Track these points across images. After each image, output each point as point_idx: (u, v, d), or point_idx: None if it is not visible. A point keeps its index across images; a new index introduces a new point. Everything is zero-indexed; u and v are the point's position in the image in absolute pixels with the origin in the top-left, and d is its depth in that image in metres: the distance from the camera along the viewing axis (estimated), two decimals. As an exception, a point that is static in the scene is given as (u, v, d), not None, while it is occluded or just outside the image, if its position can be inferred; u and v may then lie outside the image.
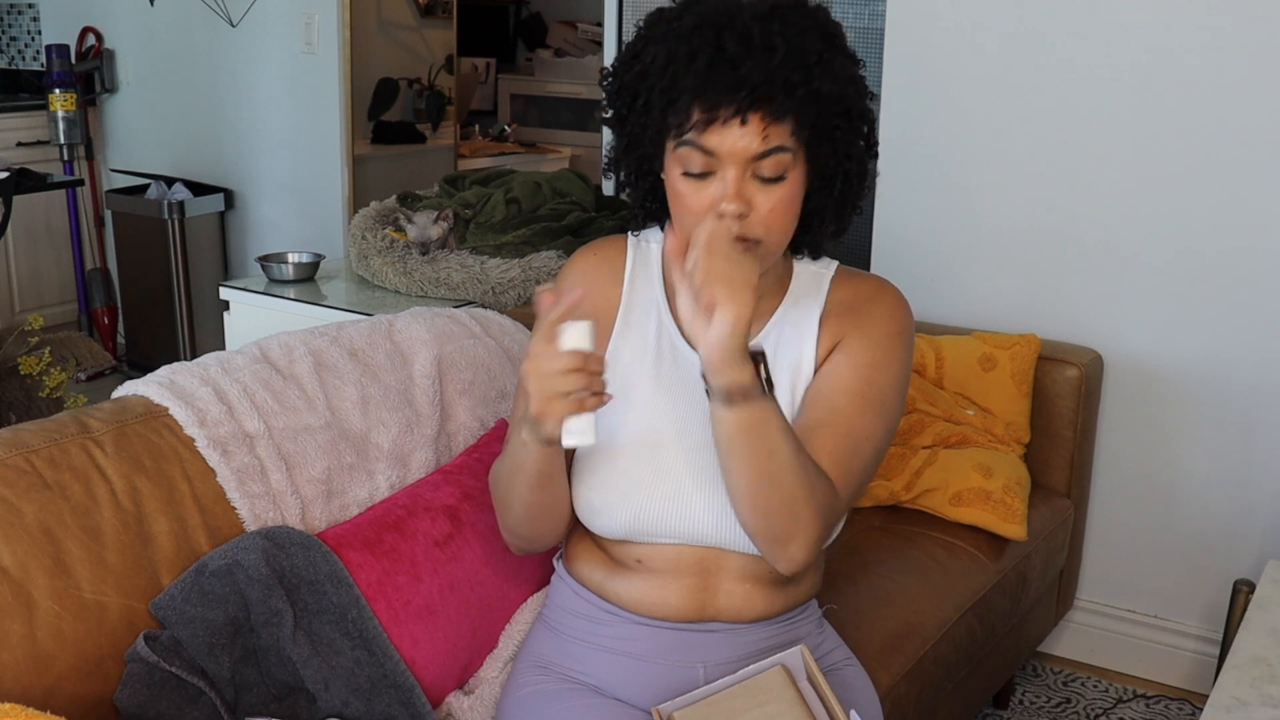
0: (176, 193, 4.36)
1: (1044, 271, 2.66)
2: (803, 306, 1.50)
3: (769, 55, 1.29)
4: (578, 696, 1.50)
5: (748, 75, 1.29)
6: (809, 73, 1.31)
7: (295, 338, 1.77)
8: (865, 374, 1.45)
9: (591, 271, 1.53)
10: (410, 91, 5.06)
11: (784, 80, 1.30)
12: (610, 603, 1.52)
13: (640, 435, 1.45)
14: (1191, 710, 2.60)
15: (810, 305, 1.50)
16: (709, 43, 1.31)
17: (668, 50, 1.34)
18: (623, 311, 1.51)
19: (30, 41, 5.08)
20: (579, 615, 1.55)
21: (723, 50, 1.30)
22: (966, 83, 2.67)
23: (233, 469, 1.56)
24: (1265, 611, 1.66)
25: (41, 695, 1.32)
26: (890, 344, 1.47)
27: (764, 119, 1.31)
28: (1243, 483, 2.55)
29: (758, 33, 1.30)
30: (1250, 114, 2.41)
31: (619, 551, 1.51)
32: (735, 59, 1.30)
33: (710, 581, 1.49)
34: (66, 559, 1.39)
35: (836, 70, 1.34)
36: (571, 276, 1.54)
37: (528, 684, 1.54)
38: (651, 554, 1.48)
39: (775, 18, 1.32)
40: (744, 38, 1.30)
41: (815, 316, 1.50)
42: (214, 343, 3.95)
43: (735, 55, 1.30)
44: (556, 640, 1.57)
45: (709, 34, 1.32)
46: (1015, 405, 2.46)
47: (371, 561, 1.57)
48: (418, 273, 2.88)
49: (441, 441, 1.80)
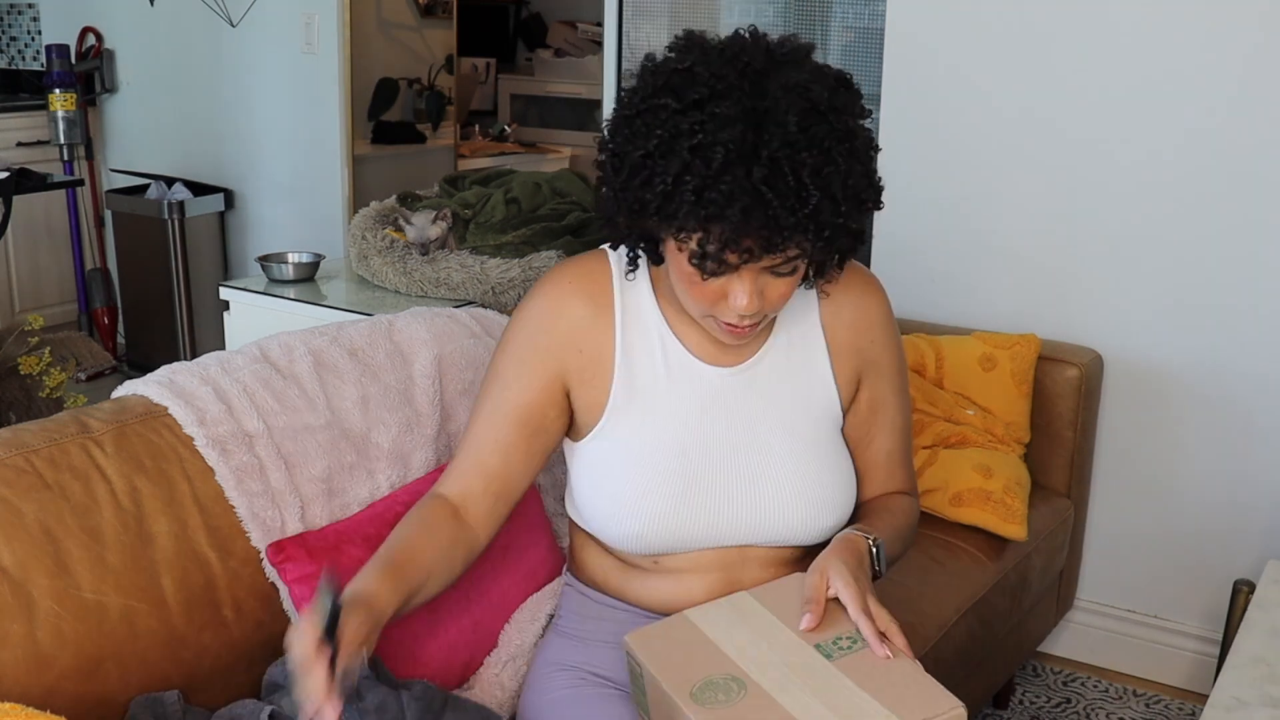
0: (176, 193, 4.36)
1: (1044, 271, 2.66)
2: (793, 309, 1.51)
3: (801, 202, 1.23)
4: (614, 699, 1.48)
5: (779, 220, 1.23)
6: (839, 215, 1.27)
7: (295, 338, 1.77)
8: (899, 382, 1.59)
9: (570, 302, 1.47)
10: (410, 91, 5.06)
11: (815, 224, 1.26)
12: (630, 603, 1.53)
13: (664, 454, 1.45)
14: (1191, 710, 2.60)
15: (801, 305, 1.52)
16: (737, 174, 1.22)
17: (682, 160, 1.24)
18: (620, 336, 1.47)
19: (30, 41, 5.08)
20: (598, 619, 1.55)
21: (754, 190, 1.22)
22: (966, 83, 2.67)
23: (231, 468, 1.56)
24: (1265, 611, 1.66)
25: (41, 695, 1.32)
26: (890, 323, 1.58)
27: (784, 257, 1.30)
28: (1243, 483, 2.55)
29: (789, 168, 1.22)
30: (1250, 114, 2.41)
31: (632, 556, 1.51)
32: (767, 202, 1.22)
33: (734, 574, 1.49)
34: (66, 559, 1.39)
35: (862, 189, 1.30)
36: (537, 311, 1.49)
37: (558, 685, 1.52)
38: (669, 555, 1.49)
39: (805, 140, 1.23)
40: (774, 175, 1.22)
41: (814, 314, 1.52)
42: (214, 343, 3.95)
43: (767, 198, 1.22)
44: (577, 646, 1.56)
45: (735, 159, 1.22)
46: (1015, 405, 2.46)
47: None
48: (418, 273, 2.88)
49: (442, 441, 1.80)
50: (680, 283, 1.36)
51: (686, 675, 1.29)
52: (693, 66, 1.27)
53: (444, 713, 1.46)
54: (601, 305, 1.48)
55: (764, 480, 1.46)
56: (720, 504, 1.45)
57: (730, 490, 1.45)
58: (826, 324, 1.52)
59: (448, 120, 5.22)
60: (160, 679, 1.45)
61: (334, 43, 4.01)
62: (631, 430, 1.45)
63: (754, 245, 1.26)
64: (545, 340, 1.47)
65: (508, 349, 1.50)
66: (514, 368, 1.49)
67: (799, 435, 1.48)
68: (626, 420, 1.46)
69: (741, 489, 1.45)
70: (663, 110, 1.26)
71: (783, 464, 1.46)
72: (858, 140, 1.29)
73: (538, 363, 1.47)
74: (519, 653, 1.67)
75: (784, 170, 1.22)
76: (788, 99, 1.24)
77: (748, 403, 1.47)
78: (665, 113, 1.26)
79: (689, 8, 3.45)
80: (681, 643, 1.34)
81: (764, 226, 1.23)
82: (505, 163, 5.12)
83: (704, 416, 1.46)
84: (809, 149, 1.23)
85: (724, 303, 1.34)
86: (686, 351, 1.47)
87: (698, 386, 1.47)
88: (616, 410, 1.46)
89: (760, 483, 1.45)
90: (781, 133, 1.22)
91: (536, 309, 1.49)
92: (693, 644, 1.33)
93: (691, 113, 1.24)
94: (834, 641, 1.31)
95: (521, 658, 1.67)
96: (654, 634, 1.37)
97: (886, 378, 1.56)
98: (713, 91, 1.25)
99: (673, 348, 1.47)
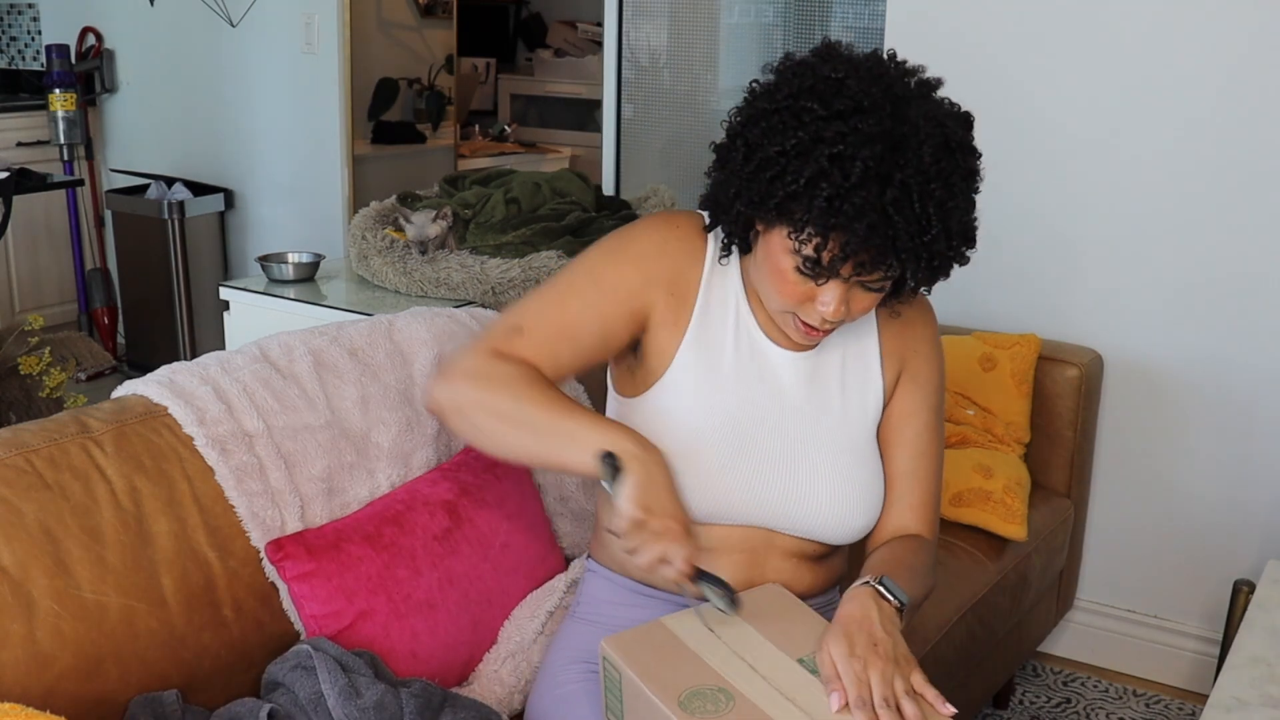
0: (176, 193, 4.36)
1: (1044, 271, 2.66)
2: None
3: (922, 230, 1.28)
4: None
5: (898, 243, 1.28)
6: (950, 248, 1.31)
7: (295, 337, 1.77)
8: (934, 401, 1.57)
9: (674, 245, 1.49)
10: (410, 91, 5.07)
11: (929, 253, 1.30)
12: (653, 587, 1.53)
13: (719, 419, 1.46)
14: (1191, 710, 2.60)
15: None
16: (871, 192, 1.26)
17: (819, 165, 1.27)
18: (703, 294, 1.49)
19: (30, 41, 5.08)
20: (619, 604, 1.56)
21: (883, 209, 1.26)
22: (966, 83, 2.66)
23: (230, 467, 1.56)
24: (1265, 611, 1.66)
25: (41, 695, 1.32)
26: (936, 344, 1.59)
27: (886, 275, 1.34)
28: (1243, 483, 2.55)
29: (917, 195, 1.27)
30: (1250, 114, 2.41)
31: None
32: (893, 223, 1.27)
33: (758, 558, 1.50)
34: (66, 559, 1.39)
35: (971, 228, 1.35)
36: (649, 241, 1.49)
37: (571, 680, 1.52)
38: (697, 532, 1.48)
39: (936, 172, 1.28)
40: (903, 199, 1.27)
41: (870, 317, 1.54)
42: (214, 343, 3.95)
43: (894, 219, 1.27)
44: (598, 632, 1.55)
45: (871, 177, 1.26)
46: (1015, 405, 2.46)
47: (371, 555, 1.58)
48: (418, 273, 2.88)
49: (442, 441, 1.80)
50: (771, 277, 1.38)
51: (672, 683, 1.27)
52: (845, 79, 1.30)
53: (443, 710, 1.46)
54: (696, 258, 1.49)
55: (805, 468, 1.48)
56: (760, 481, 1.46)
57: (771, 470, 1.47)
58: (881, 325, 1.55)
59: (448, 120, 5.22)
60: (160, 679, 1.45)
61: (334, 43, 4.01)
62: (692, 387, 1.47)
63: (867, 260, 1.30)
64: (651, 267, 1.47)
65: (611, 254, 1.49)
66: (613, 275, 1.47)
67: (845, 432, 1.51)
68: (689, 376, 1.47)
69: (782, 471, 1.47)
70: (807, 113, 1.29)
71: (825, 456, 1.48)
72: (975, 182, 1.34)
73: (634, 282, 1.46)
74: (519, 649, 1.68)
75: (913, 197, 1.27)
76: (927, 129, 1.29)
77: (804, 390, 1.50)
78: (809, 116, 1.29)
79: (689, 7, 3.45)
80: (663, 650, 1.32)
81: (883, 245, 1.28)
82: (505, 163, 5.13)
83: (761, 393, 1.48)
84: (939, 181, 1.28)
85: (810, 304, 1.37)
86: (758, 327, 1.49)
87: (761, 363, 1.49)
88: (683, 365, 1.47)
89: (801, 470, 1.47)
90: (917, 161, 1.27)
91: (647, 231, 1.50)
92: (675, 652, 1.32)
93: (835, 122, 1.28)
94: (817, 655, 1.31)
95: (521, 654, 1.67)
96: (632, 640, 1.34)
97: (922, 392, 1.56)
98: (858, 106, 1.28)
99: (745, 319, 1.49)
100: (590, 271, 1.48)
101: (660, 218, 1.53)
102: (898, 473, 1.55)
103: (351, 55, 4.07)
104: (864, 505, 1.51)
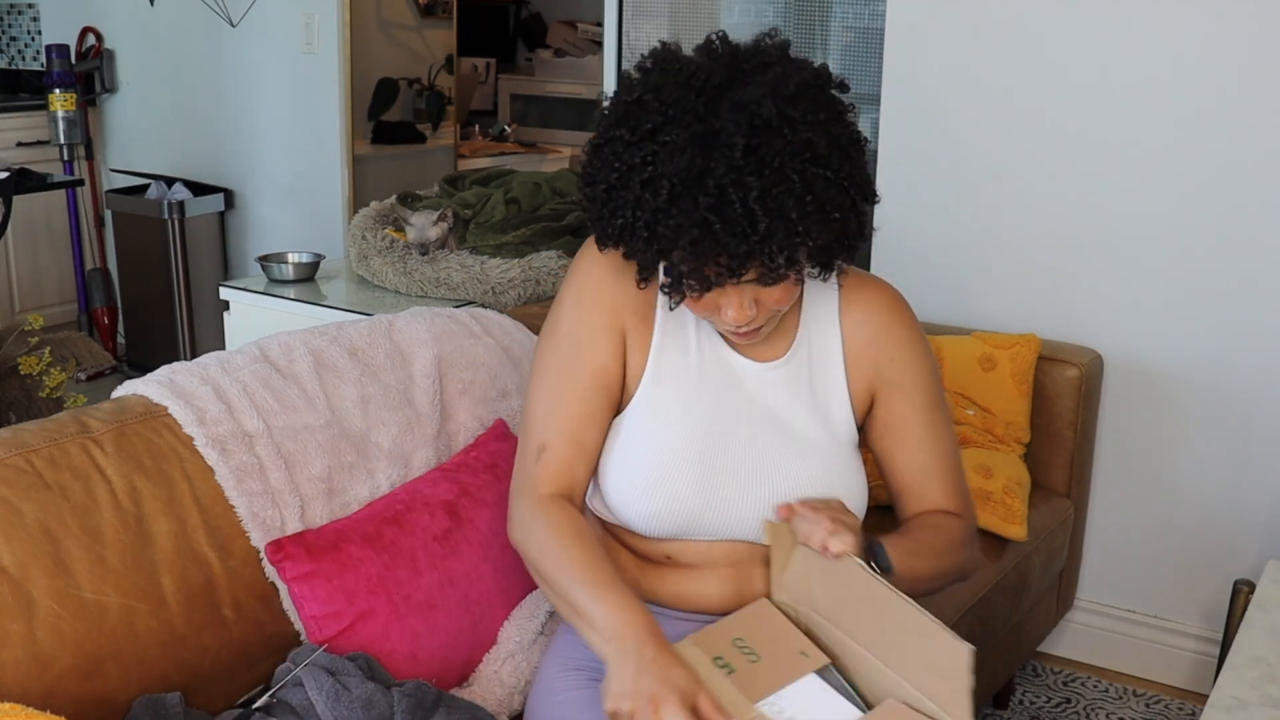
0: (176, 193, 4.36)
1: (1044, 271, 2.66)
2: (819, 316, 1.52)
3: (751, 228, 1.22)
4: None
5: (729, 247, 1.23)
6: (794, 234, 1.24)
7: (295, 337, 1.77)
8: (929, 399, 1.52)
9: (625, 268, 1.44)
10: (410, 91, 5.06)
11: (767, 249, 1.24)
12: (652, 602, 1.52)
13: (690, 435, 1.45)
14: (1191, 710, 2.60)
15: (826, 312, 1.52)
16: (684, 206, 1.22)
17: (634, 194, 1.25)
18: (660, 310, 1.48)
19: (30, 41, 5.08)
20: None
21: (702, 220, 1.22)
22: (966, 83, 2.68)
23: (230, 467, 1.56)
24: (1265, 611, 1.66)
25: (41, 695, 1.32)
26: (917, 345, 1.54)
27: (758, 273, 1.29)
28: (1243, 483, 2.55)
29: (735, 193, 1.21)
30: (1250, 114, 2.41)
31: (645, 548, 1.51)
32: (715, 232, 1.22)
33: (743, 571, 1.49)
34: (66, 559, 1.39)
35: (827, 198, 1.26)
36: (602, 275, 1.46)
37: (566, 688, 1.52)
38: (682, 549, 1.49)
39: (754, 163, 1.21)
40: (722, 203, 1.21)
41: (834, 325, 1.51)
42: (214, 343, 3.95)
43: (715, 228, 1.21)
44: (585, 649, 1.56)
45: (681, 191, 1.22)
46: (1015, 405, 2.46)
47: (372, 555, 1.58)
48: (418, 273, 2.88)
49: (442, 441, 1.80)
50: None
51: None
52: (642, 96, 1.27)
53: (436, 710, 1.46)
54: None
55: (781, 477, 1.46)
56: (736, 495, 1.45)
57: (749, 483, 1.45)
58: (847, 335, 1.52)
59: (448, 120, 5.22)
60: (160, 679, 1.45)
61: (334, 43, 4.01)
62: (661, 407, 1.46)
63: (713, 272, 1.27)
64: (611, 297, 1.46)
65: (574, 310, 1.47)
66: (586, 329, 1.46)
67: (817, 439, 1.49)
68: (658, 395, 1.46)
69: (759, 483, 1.45)
70: (618, 143, 1.28)
71: (801, 462, 1.47)
72: (817, 149, 1.24)
73: (609, 321, 1.46)
74: (518, 650, 1.68)
75: (730, 197, 1.21)
76: (735, 119, 1.23)
77: (773, 398, 1.48)
78: (620, 145, 1.27)
79: (689, 8, 3.45)
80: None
81: (718, 255, 1.24)
82: (505, 163, 5.13)
83: (731, 405, 1.47)
84: (756, 172, 1.21)
85: (719, 314, 1.36)
86: (720, 340, 1.48)
87: (728, 375, 1.48)
88: (650, 385, 1.47)
89: (778, 480, 1.46)
90: (728, 157, 1.21)
91: (596, 268, 1.46)
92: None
93: (644, 145, 1.25)
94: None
95: (521, 655, 1.67)
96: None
97: (910, 399, 1.52)
98: (665, 119, 1.25)
99: (706, 332, 1.48)
100: (568, 341, 1.47)
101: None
102: (909, 476, 1.53)
103: (351, 55, 4.07)
104: None
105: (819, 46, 3.21)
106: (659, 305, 1.48)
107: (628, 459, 1.46)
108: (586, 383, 1.46)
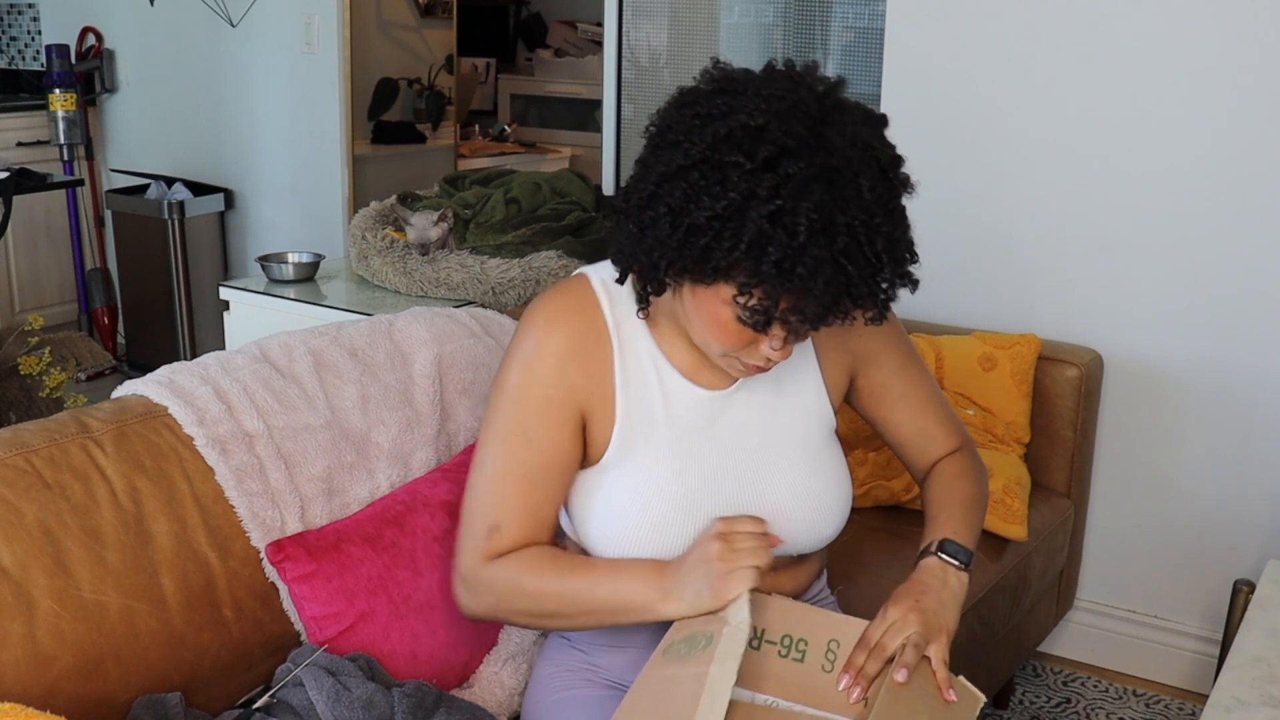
0: (176, 193, 4.36)
1: (1044, 271, 2.66)
2: None
3: (875, 271, 1.21)
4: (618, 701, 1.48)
5: (854, 290, 1.21)
6: (901, 274, 1.25)
7: (295, 337, 1.77)
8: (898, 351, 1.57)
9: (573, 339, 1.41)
10: (410, 91, 5.06)
11: (883, 290, 1.24)
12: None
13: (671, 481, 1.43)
14: (1191, 710, 2.60)
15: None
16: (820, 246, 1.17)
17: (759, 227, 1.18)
18: (619, 372, 1.43)
19: (30, 41, 5.08)
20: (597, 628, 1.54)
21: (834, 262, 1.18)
22: (966, 83, 2.68)
23: (231, 468, 1.56)
24: (1265, 611, 1.66)
25: (41, 695, 1.32)
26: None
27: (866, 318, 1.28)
28: (1243, 483, 2.55)
29: (865, 238, 1.19)
30: (1250, 113, 2.41)
31: None
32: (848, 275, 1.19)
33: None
34: (66, 559, 1.39)
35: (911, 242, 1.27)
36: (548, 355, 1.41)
37: (564, 686, 1.52)
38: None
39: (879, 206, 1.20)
40: (853, 246, 1.19)
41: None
42: (214, 343, 3.95)
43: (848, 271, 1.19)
44: (578, 650, 1.56)
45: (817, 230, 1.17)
46: (1015, 405, 2.46)
47: (372, 556, 1.58)
48: (418, 273, 2.88)
49: (442, 441, 1.80)
50: (709, 328, 1.31)
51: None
52: (766, 125, 1.20)
53: (436, 711, 1.46)
54: (601, 338, 1.43)
55: (766, 499, 1.45)
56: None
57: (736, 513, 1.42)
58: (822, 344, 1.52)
59: (448, 120, 5.22)
60: (160, 679, 1.45)
61: (334, 43, 4.01)
62: (638, 461, 1.43)
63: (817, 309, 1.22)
64: (558, 380, 1.41)
65: (522, 400, 1.42)
66: (535, 419, 1.41)
67: (795, 448, 1.48)
68: (633, 451, 1.44)
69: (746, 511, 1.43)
70: (733, 168, 1.19)
71: (782, 479, 1.46)
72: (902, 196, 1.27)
73: (558, 408, 1.41)
74: (519, 651, 1.68)
75: (860, 241, 1.19)
76: (858, 157, 1.21)
77: (743, 421, 1.47)
78: (736, 171, 1.19)
79: (689, 7, 3.45)
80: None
81: (839, 294, 1.21)
82: (505, 163, 5.13)
83: (704, 441, 1.45)
84: (882, 215, 1.21)
85: (754, 347, 1.32)
86: (681, 377, 1.45)
87: (695, 413, 1.45)
88: (622, 442, 1.43)
89: (762, 502, 1.45)
90: (857, 199, 1.19)
91: (541, 350, 1.42)
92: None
93: (766, 174, 1.18)
94: None
95: (521, 656, 1.67)
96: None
97: (886, 363, 1.56)
98: (784, 149, 1.19)
99: (667, 374, 1.45)
100: (517, 434, 1.42)
101: (543, 318, 1.43)
102: (908, 432, 1.59)
103: (351, 55, 4.07)
104: (830, 513, 1.50)
105: (819, 46, 3.21)
106: (617, 365, 1.43)
107: (610, 519, 1.44)
108: (539, 473, 1.43)
